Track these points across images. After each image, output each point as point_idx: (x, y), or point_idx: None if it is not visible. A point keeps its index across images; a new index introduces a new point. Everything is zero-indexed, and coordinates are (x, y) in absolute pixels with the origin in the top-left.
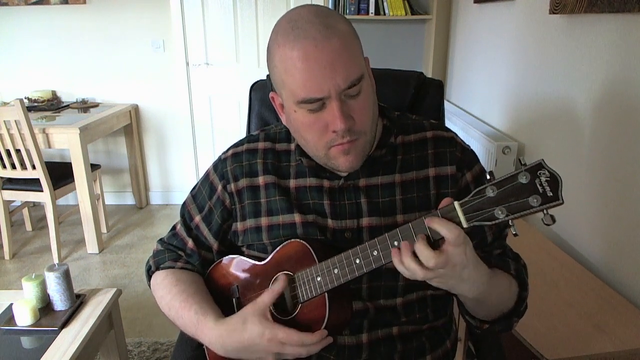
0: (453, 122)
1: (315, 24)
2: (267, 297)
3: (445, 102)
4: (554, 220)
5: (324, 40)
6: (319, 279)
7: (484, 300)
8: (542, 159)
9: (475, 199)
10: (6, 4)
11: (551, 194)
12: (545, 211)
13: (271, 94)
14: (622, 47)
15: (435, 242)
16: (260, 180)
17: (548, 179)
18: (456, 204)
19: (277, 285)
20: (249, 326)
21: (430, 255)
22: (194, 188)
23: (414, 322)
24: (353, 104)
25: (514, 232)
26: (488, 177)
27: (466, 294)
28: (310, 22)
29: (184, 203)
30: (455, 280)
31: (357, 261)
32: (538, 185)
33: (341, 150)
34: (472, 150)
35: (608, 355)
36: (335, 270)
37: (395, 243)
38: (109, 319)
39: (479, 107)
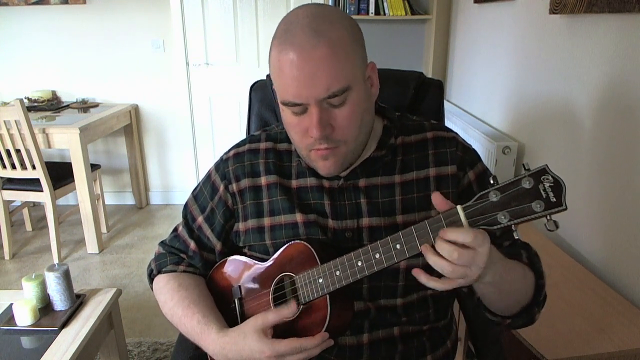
0: (453, 122)
1: (306, 29)
2: (271, 317)
3: (445, 102)
4: (557, 226)
5: (310, 49)
6: (320, 280)
7: (501, 288)
8: (546, 164)
9: (478, 203)
10: (6, 4)
11: (554, 200)
12: (548, 217)
13: (273, 87)
14: (622, 47)
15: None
16: (263, 180)
17: (552, 184)
18: (459, 207)
19: (287, 310)
20: (249, 342)
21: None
22: (195, 189)
23: (414, 323)
24: (335, 113)
25: (516, 237)
26: (491, 181)
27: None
28: (302, 27)
29: (186, 204)
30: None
31: (359, 263)
32: (541, 191)
33: (320, 155)
34: (473, 149)
35: (608, 356)
36: (337, 272)
37: (398, 246)
38: (109, 319)
39: (479, 107)
